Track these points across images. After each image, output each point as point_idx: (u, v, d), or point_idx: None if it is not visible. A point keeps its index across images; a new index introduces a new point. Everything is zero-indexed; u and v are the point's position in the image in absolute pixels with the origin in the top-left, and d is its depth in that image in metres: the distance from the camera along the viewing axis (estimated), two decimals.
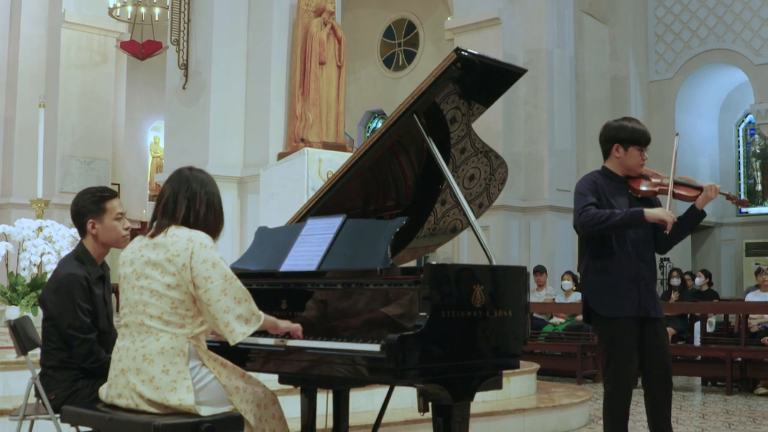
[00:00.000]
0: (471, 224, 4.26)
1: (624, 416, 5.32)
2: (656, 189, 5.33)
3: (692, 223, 5.36)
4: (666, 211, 5.11)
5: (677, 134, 5.73)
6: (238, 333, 3.74)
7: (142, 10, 14.63)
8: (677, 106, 18.75)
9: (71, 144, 14.60)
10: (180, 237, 3.84)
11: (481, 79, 4.41)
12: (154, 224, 3.96)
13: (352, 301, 3.95)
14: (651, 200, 5.41)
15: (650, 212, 5.09)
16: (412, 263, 5.05)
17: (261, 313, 3.84)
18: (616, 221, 5.10)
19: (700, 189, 5.28)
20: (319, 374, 3.96)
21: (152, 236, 3.91)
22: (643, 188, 5.35)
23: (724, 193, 5.34)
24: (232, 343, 3.78)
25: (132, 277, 3.90)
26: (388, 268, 3.81)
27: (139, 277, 3.87)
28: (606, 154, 5.46)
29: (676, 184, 5.27)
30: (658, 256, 6.04)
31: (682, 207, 5.28)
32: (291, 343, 3.94)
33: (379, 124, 20.86)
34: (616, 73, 18.42)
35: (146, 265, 3.85)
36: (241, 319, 3.76)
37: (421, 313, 3.59)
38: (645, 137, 5.35)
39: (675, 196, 5.25)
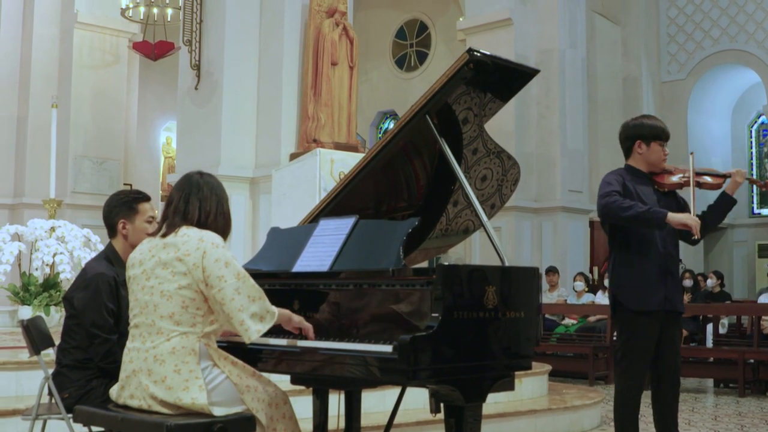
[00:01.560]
0: (483, 225, 4.26)
1: (635, 413, 5.35)
2: (681, 181, 5.37)
3: (723, 209, 5.43)
4: (690, 216, 5.12)
5: (692, 153, 5.76)
6: (254, 331, 3.74)
7: (155, 10, 14.66)
8: (689, 106, 18.72)
9: (83, 144, 14.62)
10: (191, 237, 3.85)
11: (494, 80, 4.41)
12: (165, 224, 3.97)
13: (365, 302, 3.95)
14: (676, 194, 5.45)
15: (674, 216, 5.11)
16: (424, 264, 5.06)
17: (275, 309, 3.84)
18: (637, 212, 5.11)
19: (724, 177, 5.33)
20: (332, 374, 3.96)
21: (163, 236, 3.92)
22: (668, 181, 5.39)
23: (748, 177, 5.40)
24: (247, 341, 3.78)
25: (142, 278, 3.91)
26: (401, 269, 3.81)
27: (149, 278, 3.87)
28: (628, 153, 5.51)
29: (699, 174, 5.33)
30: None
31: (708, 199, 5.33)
32: (303, 343, 3.95)
33: (391, 125, 20.90)
34: (629, 74, 18.40)
35: (156, 266, 3.86)
36: (255, 317, 3.76)
37: (433, 314, 3.59)
38: (665, 132, 5.44)
39: (699, 185, 5.31)
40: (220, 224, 4.00)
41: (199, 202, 3.96)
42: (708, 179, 5.36)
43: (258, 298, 3.79)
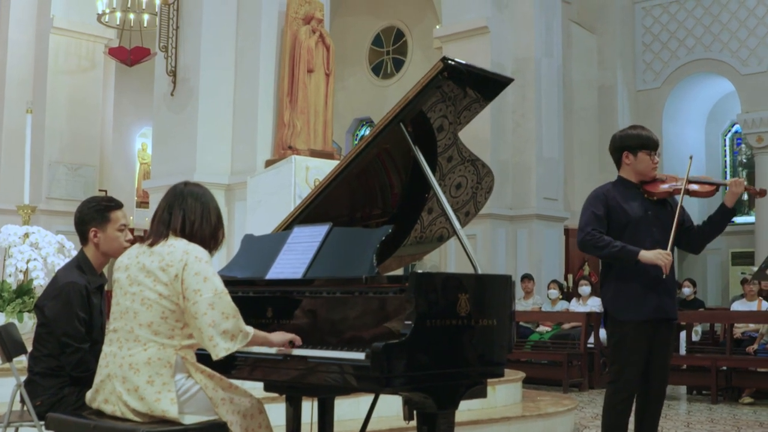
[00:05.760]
0: (456, 232, 4.28)
1: (622, 418, 5.38)
2: (671, 189, 5.43)
3: (721, 220, 5.49)
4: (659, 255, 5.18)
5: (690, 157, 5.82)
6: (222, 348, 3.74)
7: (131, 16, 14.59)
8: (664, 115, 18.83)
9: (59, 150, 14.54)
10: (176, 248, 3.86)
11: (468, 89, 4.43)
12: (152, 233, 3.98)
13: (338, 309, 3.96)
14: (669, 202, 5.49)
15: (645, 255, 5.22)
16: (399, 271, 5.07)
17: (250, 330, 3.82)
18: (611, 252, 5.29)
19: (716, 185, 5.38)
20: (306, 382, 3.97)
21: (151, 245, 3.93)
22: (658, 190, 5.45)
23: (747, 187, 5.42)
24: (214, 358, 3.78)
25: (125, 282, 3.91)
26: (374, 277, 3.82)
27: (132, 284, 3.88)
28: (618, 164, 5.58)
29: (691, 182, 5.37)
30: None
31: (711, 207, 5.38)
32: (276, 350, 3.94)
33: (367, 132, 20.90)
34: (604, 82, 18.50)
35: (140, 272, 3.87)
36: (226, 335, 3.74)
37: (407, 322, 3.61)
38: (652, 141, 5.50)
39: (689, 193, 5.37)
40: (206, 233, 4.00)
41: (182, 212, 3.97)
42: (697, 189, 5.40)
43: (232, 316, 3.78)
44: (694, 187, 5.40)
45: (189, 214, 3.97)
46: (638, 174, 5.49)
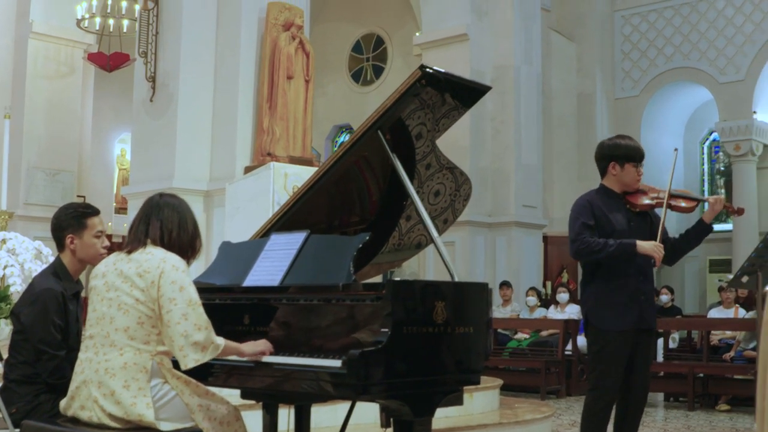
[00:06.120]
0: (433, 240, 4.29)
1: (601, 428, 5.40)
2: (654, 202, 5.46)
3: (698, 235, 5.58)
4: (655, 246, 5.22)
5: (675, 149, 5.85)
6: (191, 359, 3.75)
7: (111, 21, 14.55)
8: (643, 123, 18.92)
9: (37, 155, 14.47)
10: (154, 255, 3.88)
11: (446, 96, 4.44)
12: (130, 242, 3.98)
13: (315, 317, 3.96)
14: (649, 214, 5.53)
15: (641, 245, 5.24)
16: (378, 279, 5.07)
17: (221, 341, 3.83)
18: (609, 252, 5.27)
19: (697, 201, 5.40)
20: (282, 390, 3.97)
21: (129, 252, 3.94)
22: (641, 202, 5.47)
23: (726, 204, 5.47)
24: (183, 368, 3.80)
25: (102, 289, 3.92)
26: (350, 284, 3.83)
27: (109, 289, 3.88)
28: (603, 172, 5.58)
29: (673, 196, 5.40)
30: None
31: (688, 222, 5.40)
32: (252, 357, 3.95)
33: (347, 139, 20.92)
34: (583, 90, 18.59)
35: (118, 277, 3.88)
36: (197, 346, 3.75)
37: (383, 329, 3.61)
38: (639, 153, 5.51)
39: (671, 208, 5.42)
40: (184, 242, 4.03)
41: (160, 222, 3.99)
42: (681, 204, 5.45)
43: (204, 328, 3.79)
44: (679, 203, 5.44)
45: (166, 223, 3.99)
46: (623, 185, 5.51)
